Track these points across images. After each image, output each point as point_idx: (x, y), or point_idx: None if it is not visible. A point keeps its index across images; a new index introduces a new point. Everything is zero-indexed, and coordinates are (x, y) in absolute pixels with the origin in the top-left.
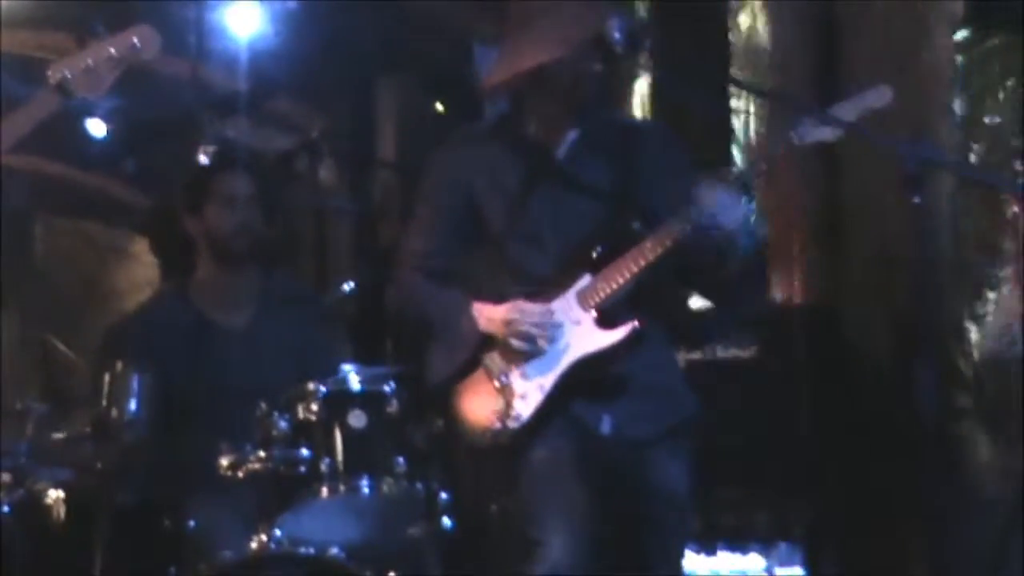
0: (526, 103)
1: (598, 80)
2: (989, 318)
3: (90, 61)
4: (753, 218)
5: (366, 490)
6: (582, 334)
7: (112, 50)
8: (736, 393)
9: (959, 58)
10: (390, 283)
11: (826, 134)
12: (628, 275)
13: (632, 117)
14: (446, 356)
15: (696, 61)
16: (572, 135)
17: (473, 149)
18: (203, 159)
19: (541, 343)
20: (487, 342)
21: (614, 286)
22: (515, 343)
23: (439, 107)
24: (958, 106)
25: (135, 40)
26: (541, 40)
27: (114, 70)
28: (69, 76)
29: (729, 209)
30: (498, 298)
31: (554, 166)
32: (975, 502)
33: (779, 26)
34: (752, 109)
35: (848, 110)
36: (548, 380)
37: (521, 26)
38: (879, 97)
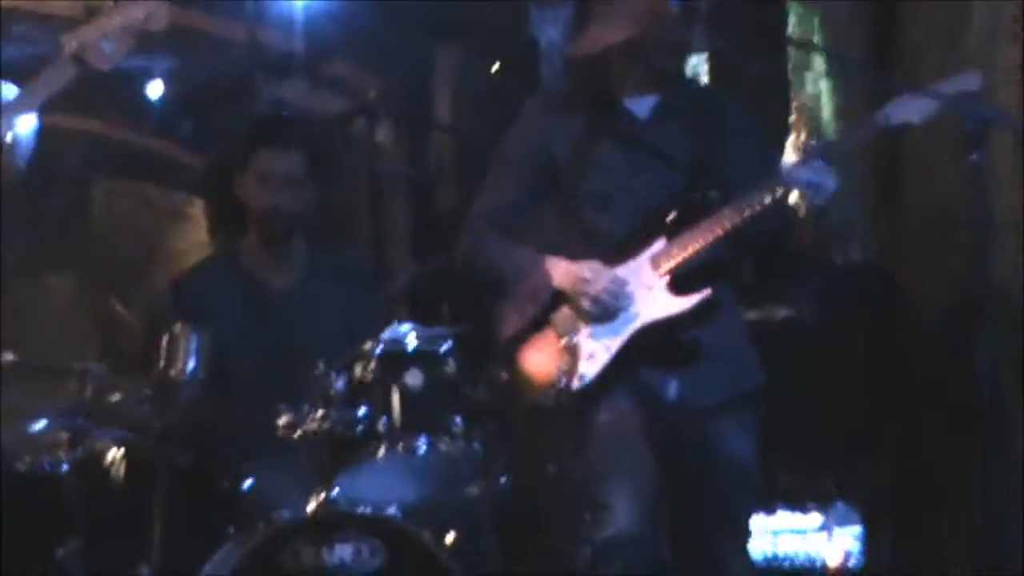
0: (611, 69)
1: (684, 49)
2: None
3: (100, 32)
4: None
5: (423, 450)
6: (652, 299)
7: (120, 21)
8: (794, 353)
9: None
10: (460, 238)
11: (913, 116)
12: (703, 243)
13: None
14: (517, 310)
15: (752, 20)
16: (653, 101)
17: (554, 110)
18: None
19: (612, 308)
20: (557, 298)
21: (688, 253)
22: (586, 304)
23: (495, 70)
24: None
25: (143, 11)
26: (632, 12)
27: (126, 40)
28: (82, 47)
29: (817, 185)
30: (570, 258)
31: (634, 130)
32: None
33: None
34: (812, 71)
35: (937, 94)
36: (615, 343)
37: None
38: (968, 83)
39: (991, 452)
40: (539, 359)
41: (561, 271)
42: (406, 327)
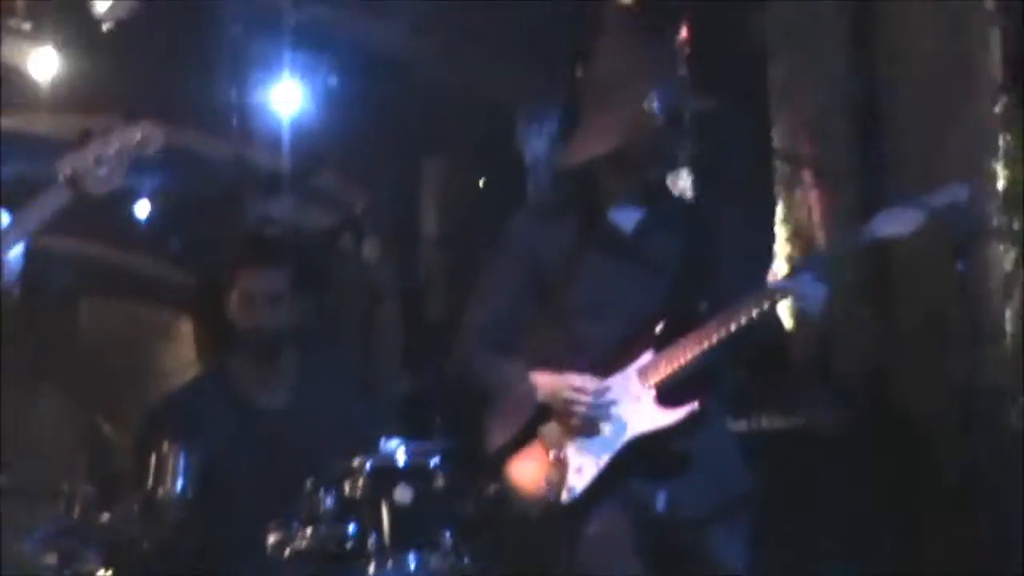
0: (597, 181)
1: (670, 161)
2: None
3: (95, 156)
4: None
5: (413, 566)
6: (641, 412)
7: (116, 145)
8: (786, 460)
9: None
10: (449, 355)
11: (901, 228)
12: (691, 356)
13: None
14: (504, 423)
15: (736, 127)
16: (640, 212)
17: (541, 222)
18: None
19: (600, 421)
20: (544, 412)
21: (676, 366)
22: (573, 418)
23: (482, 182)
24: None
25: (138, 135)
26: (617, 123)
27: (122, 164)
28: (78, 172)
29: (805, 297)
30: (559, 369)
31: (621, 242)
32: None
33: (818, 89)
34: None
35: (923, 207)
36: (604, 455)
37: (596, 104)
38: (956, 194)
39: (991, 559)
40: (528, 472)
41: (548, 384)
42: (395, 442)
